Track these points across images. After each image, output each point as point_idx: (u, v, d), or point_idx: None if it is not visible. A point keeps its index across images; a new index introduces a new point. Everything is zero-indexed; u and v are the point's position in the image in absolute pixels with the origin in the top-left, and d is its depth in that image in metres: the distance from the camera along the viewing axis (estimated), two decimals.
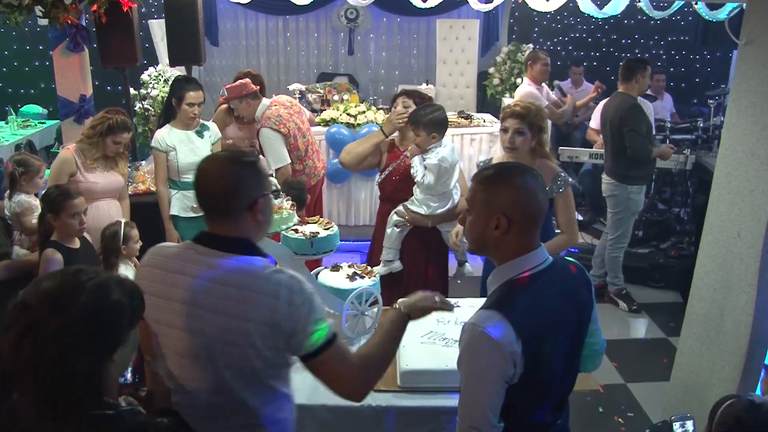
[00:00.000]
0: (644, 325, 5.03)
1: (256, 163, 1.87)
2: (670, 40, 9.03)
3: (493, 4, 6.56)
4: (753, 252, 2.82)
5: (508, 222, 1.73)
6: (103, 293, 1.37)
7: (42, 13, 4.31)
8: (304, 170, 4.60)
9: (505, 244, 1.77)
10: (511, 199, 1.74)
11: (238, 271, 1.75)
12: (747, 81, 2.88)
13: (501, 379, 1.66)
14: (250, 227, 1.84)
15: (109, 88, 7.87)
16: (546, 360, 1.72)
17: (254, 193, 1.81)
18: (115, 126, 3.66)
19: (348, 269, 2.95)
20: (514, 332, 1.64)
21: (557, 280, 1.80)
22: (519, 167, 1.86)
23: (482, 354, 1.66)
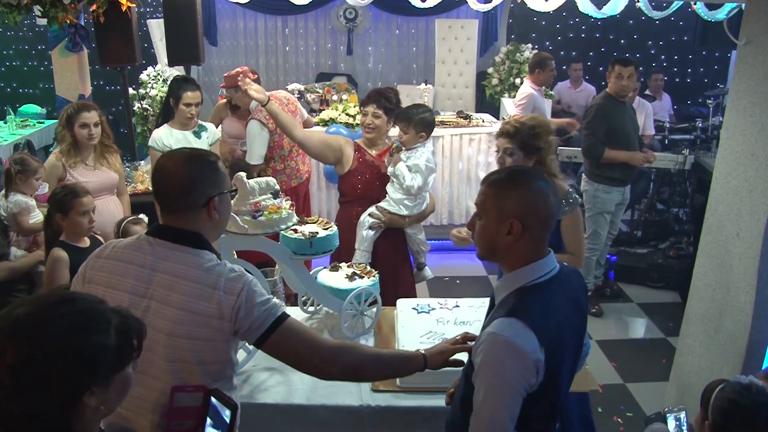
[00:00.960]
0: (643, 325, 5.03)
1: (216, 163, 1.91)
2: (669, 41, 9.03)
3: (492, 4, 6.56)
4: (752, 252, 2.83)
5: (522, 227, 1.68)
6: (78, 331, 1.24)
7: (41, 13, 4.31)
8: (285, 170, 4.54)
9: (517, 251, 1.72)
10: (525, 204, 1.69)
11: (183, 263, 1.79)
12: (746, 81, 2.88)
13: (523, 389, 1.62)
14: (204, 224, 1.87)
15: (108, 87, 7.87)
16: (560, 367, 1.70)
17: (210, 191, 1.85)
18: (72, 112, 3.65)
19: (347, 269, 2.95)
20: (537, 340, 1.60)
21: (566, 287, 1.78)
22: (531, 171, 1.84)
23: (506, 364, 1.61)
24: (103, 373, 1.27)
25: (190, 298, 1.76)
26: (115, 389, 1.30)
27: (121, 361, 1.30)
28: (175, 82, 4.24)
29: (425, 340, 2.56)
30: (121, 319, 1.32)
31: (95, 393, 1.25)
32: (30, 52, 8.21)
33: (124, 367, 1.32)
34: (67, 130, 3.65)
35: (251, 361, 2.59)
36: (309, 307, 3.05)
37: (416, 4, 6.74)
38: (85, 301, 1.31)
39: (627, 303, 5.32)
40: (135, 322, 1.36)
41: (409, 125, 3.40)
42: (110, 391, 1.29)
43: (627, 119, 4.84)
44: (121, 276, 1.82)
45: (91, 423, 1.30)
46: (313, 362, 1.86)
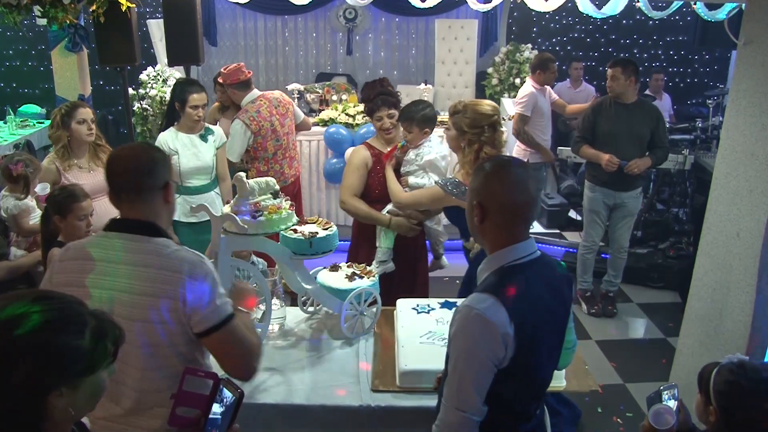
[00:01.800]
0: (643, 325, 5.03)
1: (166, 155, 2.06)
2: (669, 40, 9.02)
3: (491, 4, 6.55)
4: (752, 252, 2.83)
5: (482, 210, 1.79)
6: (50, 329, 1.23)
7: (41, 13, 4.31)
8: (268, 173, 4.49)
9: (490, 233, 1.82)
10: (485, 189, 1.80)
11: (144, 252, 1.86)
12: (746, 81, 2.88)
13: (491, 361, 1.69)
14: (160, 210, 1.97)
15: (107, 88, 7.86)
16: (534, 347, 1.76)
17: (165, 176, 1.96)
18: (68, 109, 3.63)
19: (347, 269, 2.95)
20: (507, 315, 1.67)
21: (544, 273, 1.84)
22: (508, 160, 1.90)
23: (475, 335, 1.69)
24: (72, 374, 1.25)
25: (156, 284, 1.82)
26: (85, 393, 1.28)
27: (92, 364, 1.28)
28: (179, 85, 4.18)
29: (425, 340, 2.56)
30: (98, 322, 1.30)
31: (64, 394, 1.23)
32: (30, 52, 8.20)
33: (96, 372, 1.30)
34: (63, 130, 3.61)
35: None
36: (309, 307, 3.05)
37: (416, 4, 6.73)
38: (63, 301, 1.30)
39: (627, 303, 5.32)
40: (113, 327, 1.34)
41: (412, 123, 3.43)
42: (79, 394, 1.27)
43: (618, 120, 4.68)
44: (80, 273, 1.87)
45: (62, 425, 1.28)
46: (240, 367, 1.94)
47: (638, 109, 4.70)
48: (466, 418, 1.71)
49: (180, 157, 4.02)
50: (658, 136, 4.68)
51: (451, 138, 3.22)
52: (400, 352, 2.51)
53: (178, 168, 4.02)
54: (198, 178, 4.09)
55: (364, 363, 2.61)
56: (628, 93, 4.68)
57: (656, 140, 4.68)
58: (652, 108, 4.80)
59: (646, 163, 4.66)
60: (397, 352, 2.56)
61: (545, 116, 5.94)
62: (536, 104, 5.78)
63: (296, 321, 2.97)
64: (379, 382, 2.48)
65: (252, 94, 4.49)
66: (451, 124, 3.20)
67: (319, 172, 6.09)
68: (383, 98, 3.52)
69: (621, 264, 5.08)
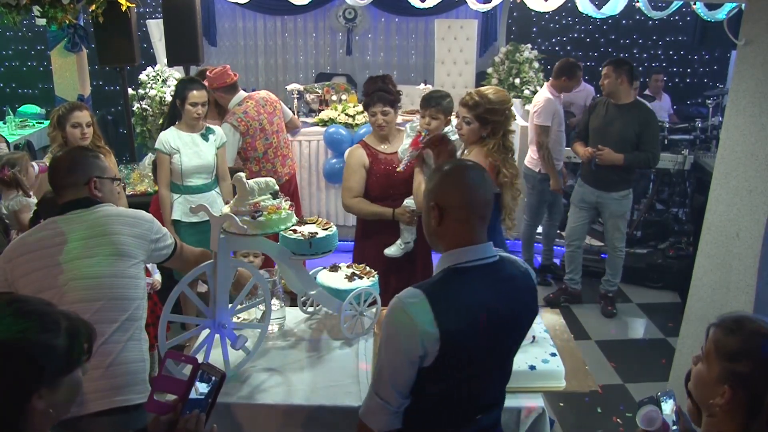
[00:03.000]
0: (642, 325, 5.03)
1: (98, 155, 2.46)
2: (669, 41, 9.03)
3: (491, 5, 6.55)
4: (752, 252, 2.83)
5: (439, 212, 1.77)
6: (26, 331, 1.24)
7: (40, 13, 4.31)
8: (260, 172, 4.52)
9: (444, 235, 1.80)
10: (442, 190, 1.79)
11: (89, 220, 2.30)
12: (746, 81, 2.88)
13: (407, 356, 1.69)
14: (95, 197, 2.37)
15: (107, 88, 7.86)
16: (463, 353, 1.73)
17: (91, 172, 2.36)
18: (64, 112, 3.64)
19: (346, 269, 2.95)
20: (432, 314, 1.66)
21: (498, 278, 1.80)
22: (464, 163, 1.91)
23: (396, 327, 1.70)
24: (51, 374, 1.26)
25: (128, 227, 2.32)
26: (64, 392, 1.30)
27: (70, 363, 1.30)
28: (180, 83, 4.19)
29: None
30: (70, 322, 1.32)
31: (43, 396, 1.24)
32: (29, 52, 8.20)
33: (73, 370, 1.32)
34: (59, 131, 3.64)
35: (251, 362, 2.58)
36: (308, 307, 3.05)
37: (415, 4, 6.73)
38: (33, 303, 1.31)
39: (626, 303, 5.32)
40: (84, 326, 1.36)
41: (439, 111, 3.37)
42: (59, 394, 1.28)
43: (607, 120, 4.73)
44: (35, 260, 2.22)
45: (41, 427, 1.29)
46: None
47: (629, 111, 4.69)
48: (382, 405, 1.74)
49: (181, 156, 4.01)
50: (644, 140, 4.63)
51: (472, 131, 3.12)
52: None
53: (180, 167, 4.02)
54: (199, 177, 4.08)
55: (363, 363, 2.60)
56: (620, 93, 4.69)
57: (642, 143, 4.64)
58: (644, 111, 4.75)
59: (615, 158, 4.63)
60: None
61: (561, 125, 5.41)
62: (556, 111, 5.24)
63: (296, 321, 2.96)
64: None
65: (238, 96, 4.52)
66: (471, 117, 3.10)
67: (318, 172, 6.09)
68: (380, 94, 3.55)
69: (617, 263, 5.07)
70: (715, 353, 1.45)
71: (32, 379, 1.23)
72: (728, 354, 1.42)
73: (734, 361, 1.41)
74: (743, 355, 1.40)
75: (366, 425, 1.80)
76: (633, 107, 4.73)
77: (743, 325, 1.45)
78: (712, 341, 1.47)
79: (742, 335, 1.43)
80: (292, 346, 2.77)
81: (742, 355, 1.41)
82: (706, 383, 1.47)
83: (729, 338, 1.44)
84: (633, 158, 4.65)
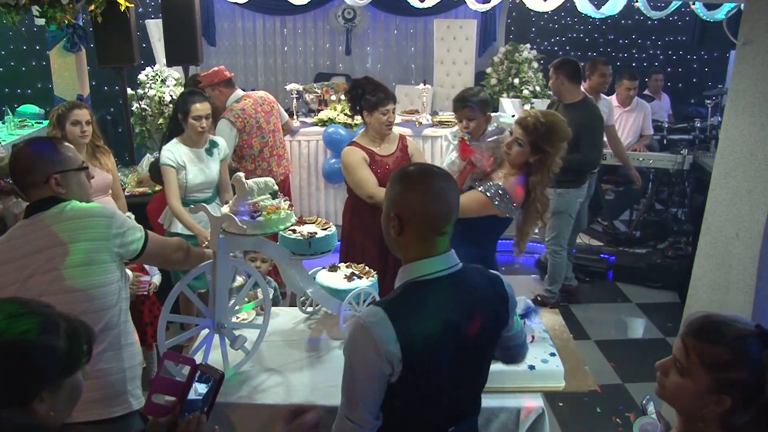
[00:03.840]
0: (642, 325, 5.03)
1: (55, 145, 2.28)
2: (668, 41, 9.03)
3: (490, 4, 6.55)
4: (751, 252, 2.83)
5: (400, 222, 1.69)
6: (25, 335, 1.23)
7: (39, 13, 4.30)
8: (256, 171, 4.50)
9: (404, 246, 1.73)
10: (402, 200, 1.70)
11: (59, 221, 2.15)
12: (745, 81, 2.88)
13: (376, 375, 1.64)
14: (58, 195, 2.21)
15: (106, 88, 7.85)
16: (429, 366, 1.68)
17: (49, 170, 2.19)
18: (64, 110, 3.62)
19: (346, 269, 2.95)
20: (394, 332, 1.60)
21: (460, 289, 1.74)
22: (434, 170, 1.77)
23: (359, 348, 1.64)
24: (52, 377, 1.25)
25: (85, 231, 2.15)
26: (65, 395, 1.28)
27: (70, 364, 1.29)
28: (181, 97, 4.00)
29: None
30: (69, 323, 1.31)
31: (45, 399, 1.23)
32: (28, 52, 8.18)
33: (74, 372, 1.30)
34: (58, 130, 3.63)
35: (250, 362, 2.58)
36: (307, 307, 3.05)
37: (415, 4, 6.73)
38: (31, 305, 1.30)
39: (625, 303, 5.32)
40: (83, 327, 1.35)
41: (474, 110, 3.25)
42: (60, 397, 1.27)
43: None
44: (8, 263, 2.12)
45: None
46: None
47: (573, 111, 4.61)
48: (354, 428, 1.67)
49: (187, 173, 3.85)
50: (580, 141, 4.39)
51: (520, 155, 2.96)
52: None
53: (185, 183, 3.86)
54: (203, 191, 3.98)
55: None
56: (563, 93, 4.72)
57: (578, 144, 4.37)
58: (586, 112, 4.68)
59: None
60: None
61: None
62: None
63: (295, 321, 2.96)
64: None
65: (236, 94, 4.52)
66: (525, 141, 2.92)
67: (318, 172, 6.09)
68: (385, 92, 3.51)
69: (552, 268, 5.00)
70: (702, 365, 1.42)
71: (33, 381, 1.22)
72: (719, 365, 1.41)
73: (727, 371, 1.40)
74: (736, 363, 1.40)
75: None
76: (577, 107, 4.68)
77: (724, 332, 1.42)
78: (695, 353, 1.44)
79: (728, 343, 1.41)
80: (292, 345, 2.77)
81: (734, 363, 1.40)
82: (693, 395, 1.44)
83: (714, 348, 1.41)
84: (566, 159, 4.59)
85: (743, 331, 1.42)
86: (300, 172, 6.10)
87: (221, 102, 4.49)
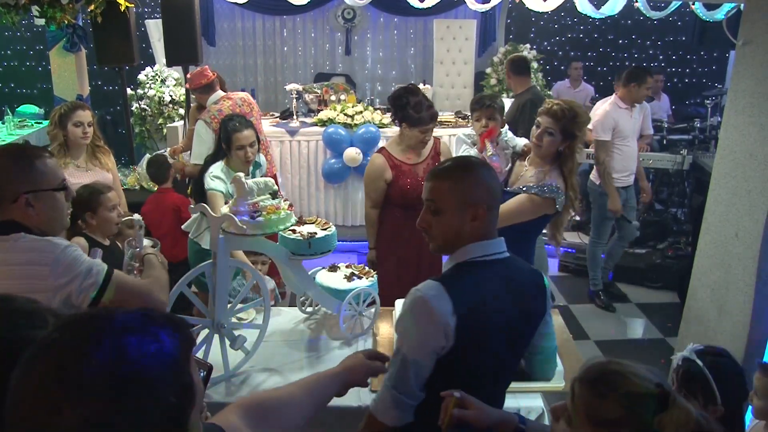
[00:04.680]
0: (641, 325, 5.03)
1: (30, 159, 1.89)
2: (667, 41, 9.03)
3: (490, 5, 6.56)
4: (751, 252, 2.83)
5: (486, 210, 1.75)
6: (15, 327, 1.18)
7: (39, 13, 4.30)
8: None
9: (468, 232, 1.76)
10: (484, 189, 1.77)
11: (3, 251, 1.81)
12: (745, 81, 2.89)
13: (431, 348, 1.68)
14: (24, 219, 1.87)
15: (106, 88, 7.86)
16: (475, 344, 1.72)
17: (19, 188, 1.85)
18: (66, 110, 3.61)
19: (346, 270, 2.95)
20: (451, 305, 1.65)
21: (508, 273, 1.80)
22: (474, 159, 1.90)
23: (417, 320, 1.69)
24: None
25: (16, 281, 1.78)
26: None
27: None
28: (224, 123, 3.70)
29: None
30: (56, 318, 1.26)
31: None
32: (28, 52, 8.20)
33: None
34: (59, 129, 3.61)
35: (250, 362, 2.58)
36: (307, 307, 3.05)
37: (414, 4, 6.74)
38: (19, 301, 1.28)
39: (625, 303, 5.32)
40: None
41: (496, 111, 3.31)
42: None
43: (510, 110, 5.14)
44: None
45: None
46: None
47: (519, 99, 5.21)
48: (399, 398, 1.72)
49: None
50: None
51: (552, 143, 2.93)
52: None
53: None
54: None
55: None
56: (513, 86, 5.34)
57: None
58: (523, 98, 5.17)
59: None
60: None
61: (628, 139, 5.01)
62: (617, 126, 4.93)
63: (295, 321, 2.97)
64: (379, 382, 2.47)
65: (215, 95, 4.52)
66: (556, 129, 2.89)
67: (317, 172, 6.09)
68: (430, 111, 3.40)
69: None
70: (587, 419, 1.28)
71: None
72: (604, 422, 1.25)
73: (613, 429, 1.25)
74: (623, 424, 1.24)
75: (377, 420, 1.78)
76: (522, 96, 5.22)
77: (616, 386, 1.26)
78: (582, 405, 1.29)
79: (618, 399, 1.25)
80: (292, 346, 2.77)
81: (622, 424, 1.24)
82: None
83: (602, 402, 1.26)
84: None
85: (640, 387, 1.25)
86: (300, 173, 6.10)
87: (203, 101, 4.52)
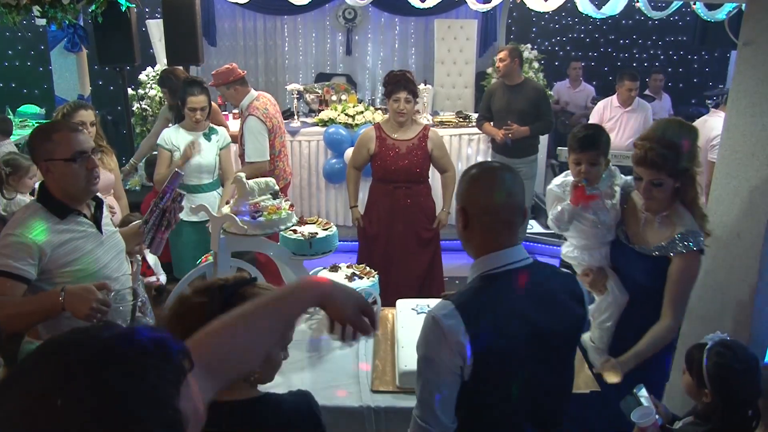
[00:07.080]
0: None
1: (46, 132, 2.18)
2: (668, 41, 9.03)
3: (491, 5, 6.55)
4: (753, 252, 2.82)
5: (465, 215, 1.75)
6: None
7: (40, 13, 4.30)
8: (274, 171, 4.49)
9: (473, 240, 1.77)
10: (468, 193, 1.76)
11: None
12: (746, 81, 2.88)
13: (450, 370, 1.63)
14: (48, 181, 2.18)
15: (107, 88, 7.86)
16: (503, 362, 1.67)
17: (41, 156, 2.15)
18: (69, 110, 3.60)
19: (347, 269, 2.95)
20: (463, 325, 1.61)
21: (533, 280, 1.74)
22: (494, 165, 1.86)
23: (431, 341, 1.66)
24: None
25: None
26: None
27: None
28: (183, 85, 4.20)
29: None
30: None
31: None
32: (29, 52, 8.20)
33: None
34: None
35: None
36: None
37: (415, 4, 6.73)
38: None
39: None
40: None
41: (600, 154, 2.64)
42: None
43: (505, 99, 5.32)
44: None
45: None
46: None
47: (523, 89, 5.34)
48: (426, 429, 1.65)
49: (180, 154, 4.02)
50: (542, 111, 5.29)
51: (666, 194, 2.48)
52: (399, 352, 2.51)
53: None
54: (198, 177, 4.08)
55: (363, 363, 2.60)
56: (513, 74, 5.33)
57: (540, 114, 5.27)
58: (533, 88, 5.41)
59: (523, 131, 5.25)
60: (397, 352, 2.55)
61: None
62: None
63: None
64: (379, 382, 2.48)
65: (252, 93, 4.47)
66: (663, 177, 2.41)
67: (318, 172, 6.09)
68: (403, 82, 3.78)
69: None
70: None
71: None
72: None
73: None
74: None
75: None
76: (524, 86, 5.38)
77: None
78: None
79: None
80: (293, 345, 2.75)
81: None
82: None
83: None
84: (536, 128, 5.33)
85: None
86: (301, 173, 6.10)
87: (237, 100, 4.46)
